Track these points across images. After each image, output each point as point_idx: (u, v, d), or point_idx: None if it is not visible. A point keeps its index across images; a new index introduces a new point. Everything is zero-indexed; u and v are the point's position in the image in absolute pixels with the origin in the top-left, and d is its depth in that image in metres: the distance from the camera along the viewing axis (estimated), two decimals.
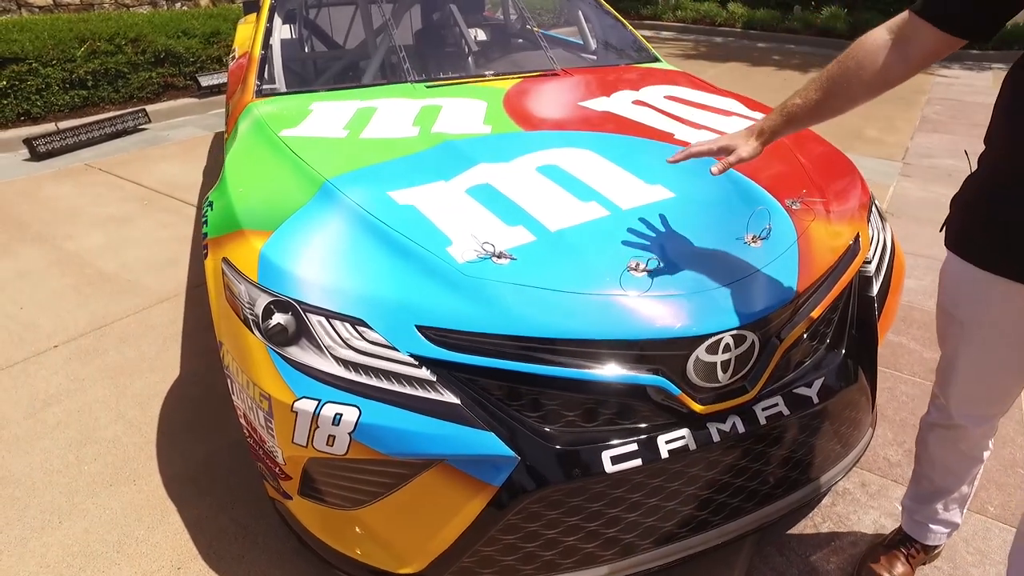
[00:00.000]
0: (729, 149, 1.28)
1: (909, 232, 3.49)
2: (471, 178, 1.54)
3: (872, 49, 1.09)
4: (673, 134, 1.83)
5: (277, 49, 2.40)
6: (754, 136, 1.27)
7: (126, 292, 2.82)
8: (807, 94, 1.19)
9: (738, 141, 1.28)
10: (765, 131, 1.25)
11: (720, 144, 1.29)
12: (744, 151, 1.26)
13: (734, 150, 1.27)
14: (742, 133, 1.29)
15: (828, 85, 1.16)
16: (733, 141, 1.28)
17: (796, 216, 1.55)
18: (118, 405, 2.11)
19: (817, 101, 1.18)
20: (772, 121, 1.25)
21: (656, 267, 1.31)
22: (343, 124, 1.88)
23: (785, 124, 1.23)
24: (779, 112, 1.23)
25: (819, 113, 1.20)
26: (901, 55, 1.07)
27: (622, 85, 2.22)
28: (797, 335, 1.40)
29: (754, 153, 1.27)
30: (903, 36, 1.06)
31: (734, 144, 1.27)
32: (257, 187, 1.60)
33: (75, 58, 5.17)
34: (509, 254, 1.31)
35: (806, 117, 1.21)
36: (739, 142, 1.27)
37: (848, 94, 1.15)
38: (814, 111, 1.19)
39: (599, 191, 1.50)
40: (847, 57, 1.13)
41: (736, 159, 1.27)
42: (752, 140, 1.26)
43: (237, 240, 1.44)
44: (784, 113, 1.22)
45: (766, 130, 1.25)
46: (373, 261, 1.32)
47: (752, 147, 1.26)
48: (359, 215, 1.42)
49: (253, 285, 1.34)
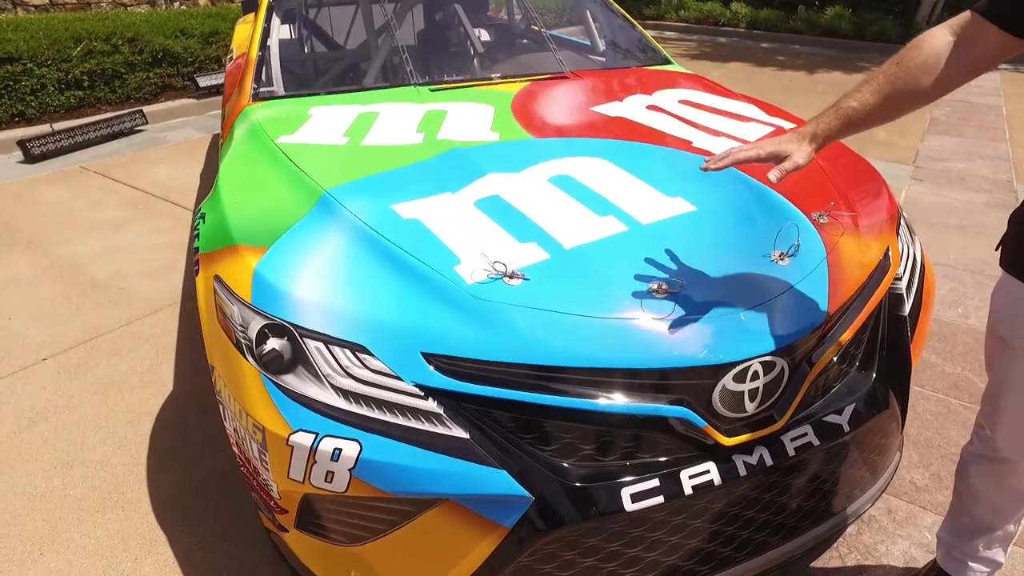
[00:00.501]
0: (781, 155, 1.11)
1: (923, 239, 3.40)
2: (479, 189, 1.45)
3: (935, 51, 1.00)
4: (691, 141, 1.73)
5: (275, 51, 2.31)
6: (807, 140, 1.11)
7: (119, 301, 2.73)
8: (862, 98, 1.07)
9: (789, 146, 1.11)
10: (819, 136, 1.11)
11: (769, 150, 1.13)
12: (800, 157, 1.10)
13: (788, 156, 1.10)
14: (792, 137, 1.13)
15: (886, 89, 1.05)
16: (783, 146, 1.12)
17: (824, 231, 1.46)
18: (107, 423, 2.02)
19: (874, 105, 1.07)
20: (827, 125, 1.10)
21: (679, 288, 1.22)
22: (343, 130, 1.79)
23: (842, 128, 1.10)
24: (834, 115, 1.09)
25: (877, 117, 1.08)
26: (963, 57, 0.98)
27: (635, 89, 2.13)
28: (827, 360, 1.31)
29: (809, 159, 1.12)
30: (965, 38, 0.97)
31: (786, 150, 1.11)
32: (252, 198, 1.51)
33: (71, 58, 5.08)
34: (521, 274, 1.22)
35: (862, 122, 1.09)
36: (791, 147, 1.11)
37: (908, 98, 1.05)
38: (871, 115, 1.08)
39: (616, 204, 1.41)
40: (906, 59, 1.02)
41: (793, 167, 1.10)
42: (805, 144, 1.11)
43: (230, 256, 1.35)
44: (840, 116, 1.09)
45: (819, 135, 1.11)
46: (375, 281, 1.23)
47: (807, 152, 1.10)
48: (360, 230, 1.33)
49: (246, 306, 1.25)
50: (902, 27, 9.48)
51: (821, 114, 1.13)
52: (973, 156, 4.84)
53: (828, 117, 1.11)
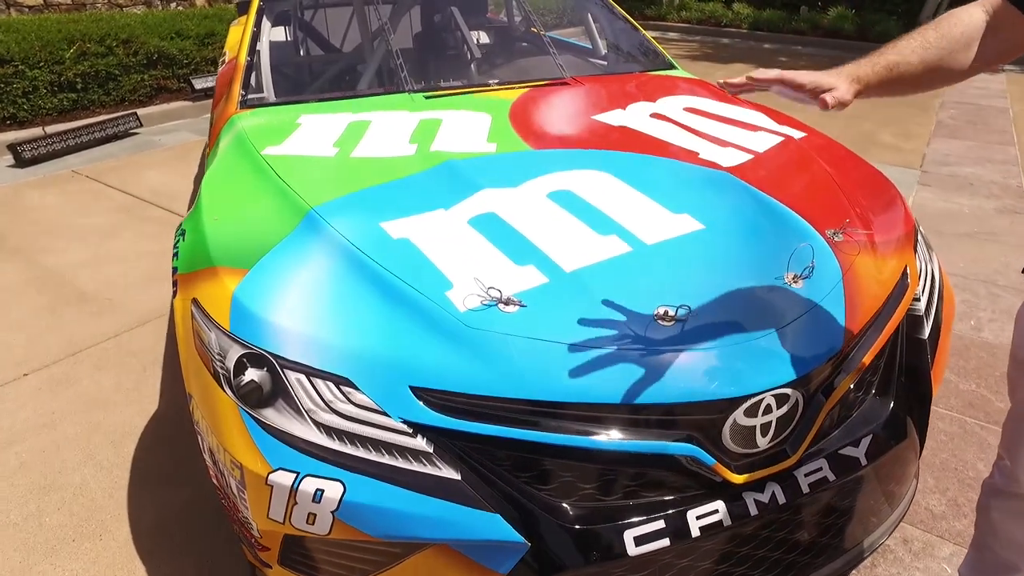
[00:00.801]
0: (822, 87, 0.96)
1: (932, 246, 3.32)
2: (474, 206, 1.37)
3: (973, 26, 0.94)
4: (697, 152, 1.65)
5: (265, 55, 2.23)
6: (849, 80, 0.96)
7: (105, 313, 2.65)
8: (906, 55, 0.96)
9: (835, 80, 0.96)
10: (860, 79, 0.96)
11: (814, 78, 0.97)
12: (845, 92, 0.95)
13: (831, 90, 0.95)
14: (838, 72, 0.98)
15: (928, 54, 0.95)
16: (828, 79, 0.97)
17: (839, 249, 1.38)
18: (89, 444, 1.94)
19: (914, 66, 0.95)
20: (869, 70, 0.96)
21: (687, 315, 1.14)
22: (333, 140, 1.71)
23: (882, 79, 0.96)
24: (875, 62, 0.97)
25: (911, 82, 0.97)
26: (994, 39, 0.93)
27: (638, 96, 2.04)
28: (844, 389, 1.23)
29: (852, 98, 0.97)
30: (997, 22, 0.93)
31: (831, 83, 0.96)
32: (234, 215, 1.43)
33: (64, 60, 5.00)
34: (518, 300, 1.14)
35: (900, 81, 0.97)
36: (836, 81, 0.96)
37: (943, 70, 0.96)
38: (907, 77, 0.96)
39: (619, 222, 1.32)
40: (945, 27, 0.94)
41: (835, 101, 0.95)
42: (848, 83, 0.96)
43: (209, 278, 1.27)
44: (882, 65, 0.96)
45: (861, 78, 0.96)
46: (362, 308, 1.15)
47: (852, 91, 0.96)
48: (347, 251, 1.25)
49: (224, 334, 1.17)
50: (906, 28, 9.33)
51: (863, 60, 0.98)
52: (981, 160, 4.75)
53: (868, 64, 0.97)
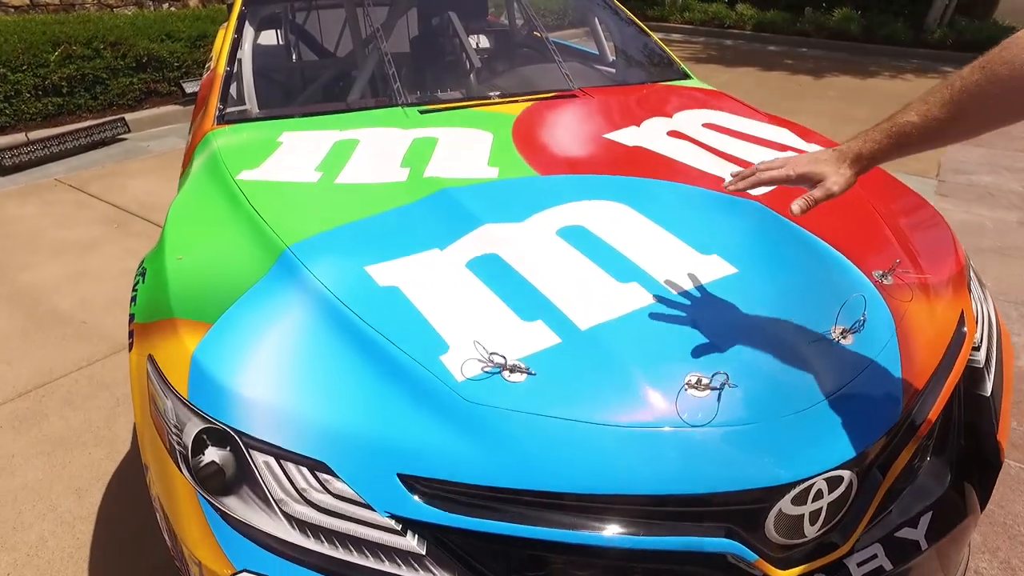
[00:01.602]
0: (813, 178, 0.93)
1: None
2: (473, 245, 1.20)
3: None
4: (724, 179, 1.47)
5: (248, 65, 2.05)
6: (847, 162, 0.92)
7: (79, 338, 2.47)
8: (927, 110, 0.85)
9: (825, 168, 0.93)
10: (863, 156, 0.91)
11: (800, 170, 0.94)
12: (835, 183, 0.91)
13: (820, 180, 0.92)
14: (829, 156, 0.94)
15: (963, 99, 0.82)
16: (816, 167, 0.93)
17: (889, 294, 1.21)
18: (50, 492, 1.77)
19: (942, 120, 0.84)
20: (874, 143, 0.90)
21: (723, 383, 0.97)
22: (316, 163, 1.53)
23: (892, 148, 0.89)
24: (884, 131, 0.89)
25: (942, 136, 0.86)
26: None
27: (653, 110, 1.87)
28: (902, 464, 1.06)
29: (847, 186, 0.93)
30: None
31: (819, 172, 0.93)
32: (200, 254, 1.26)
33: (48, 63, 4.82)
34: (525, 367, 0.96)
35: (922, 140, 0.87)
36: (826, 169, 0.92)
37: (992, 112, 0.81)
38: (936, 133, 0.86)
39: (641, 266, 1.15)
40: (994, 62, 0.78)
41: (824, 196, 0.92)
42: (844, 167, 0.92)
43: (167, 333, 1.10)
44: (892, 133, 0.88)
45: (864, 155, 0.91)
46: (342, 375, 0.98)
47: (845, 178, 0.92)
48: (326, 302, 1.08)
49: (181, 403, 1.00)
50: (912, 30, 9.22)
51: (869, 130, 0.91)
52: (999, 168, 4.59)
53: (876, 134, 0.90)
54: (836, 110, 6.05)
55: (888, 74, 7.83)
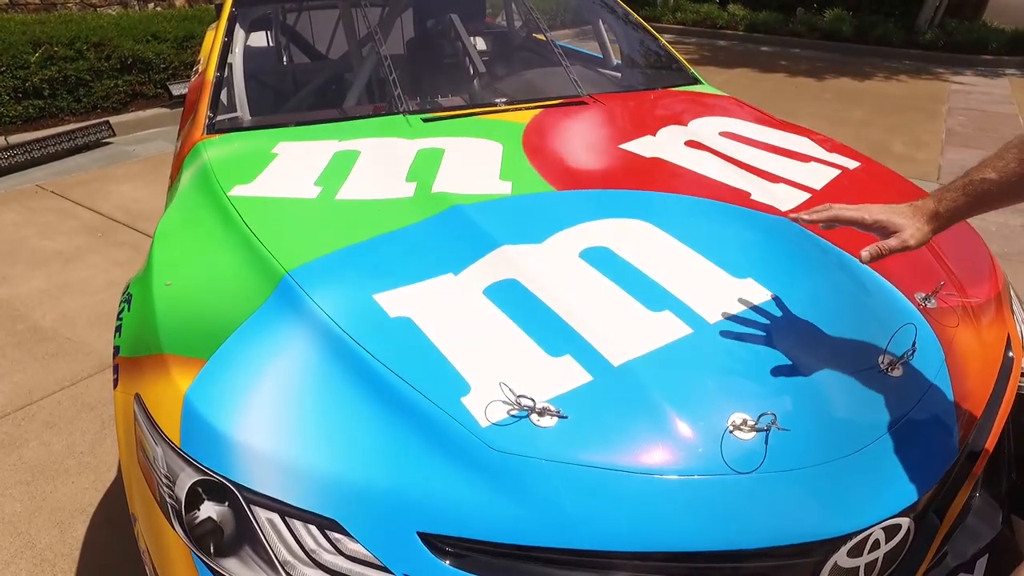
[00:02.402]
0: (888, 227, 0.92)
1: None
2: (490, 269, 1.10)
3: None
4: (749, 193, 1.39)
5: (239, 70, 1.95)
6: (924, 218, 0.91)
7: (62, 355, 2.36)
8: (1006, 166, 0.84)
9: (901, 220, 0.91)
10: (941, 215, 0.90)
11: (877, 217, 0.93)
12: (912, 236, 0.90)
13: (896, 232, 0.91)
14: (906, 210, 0.93)
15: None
16: (893, 217, 0.92)
17: (935, 319, 1.13)
18: (30, 526, 1.66)
19: (1020, 177, 0.83)
20: (950, 202, 0.90)
21: (770, 424, 0.88)
22: (315, 176, 1.43)
23: (971, 206, 0.88)
24: (961, 189, 0.89)
25: (1021, 191, 0.84)
26: None
27: (667, 118, 1.78)
28: (960, 505, 0.99)
29: (923, 241, 0.91)
30: None
31: (896, 223, 0.91)
32: (191, 280, 1.15)
33: (29, 64, 4.66)
34: (556, 409, 0.87)
35: (1001, 196, 0.86)
36: (903, 222, 0.91)
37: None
38: (1015, 188, 0.84)
39: (672, 292, 1.06)
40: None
41: (899, 246, 0.90)
42: (922, 223, 0.91)
43: (156, 370, 1.00)
44: (969, 191, 0.87)
45: (942, 214, 0.90)
46: (353, 420, 0.89)
47: (923, 232, 0.91)
48: (332, 336, 0.98)
49: (173, 451, 0.90)
50: (904, 31, 9.23)
51: (946, 187, 0.91)
52: None
53: (954, 192, 0.90)
54: (834, 112, 6.01)
55: (882, 75, 7.82)
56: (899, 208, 0.93)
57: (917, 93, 6.92)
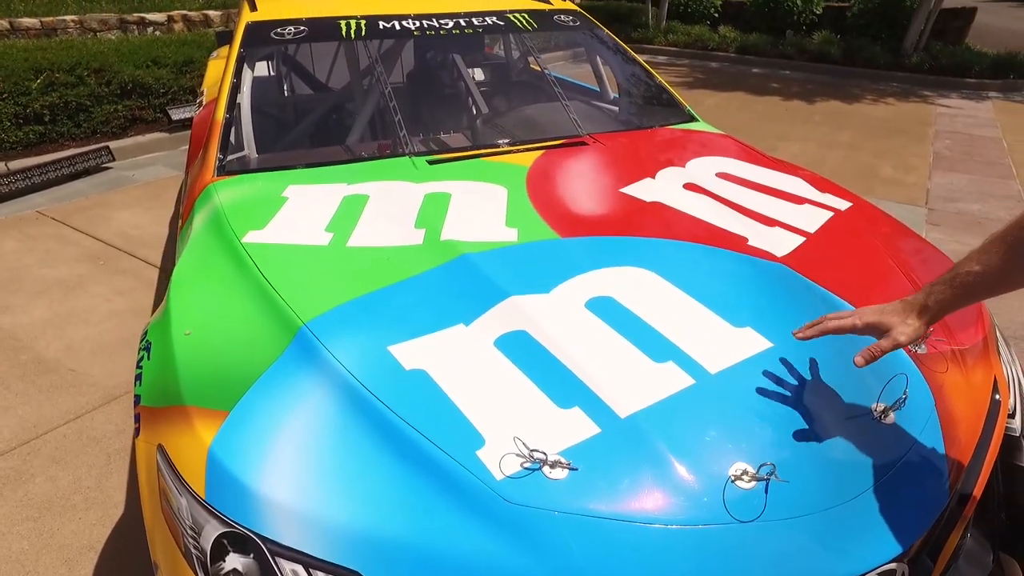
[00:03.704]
0: (880, 327, 0.99)
1: None
2: (500, 320, 1.15)
3: None
4: (747, 238, 1.45)
5: (247, 111, 2.00)
6: (914, 313, 0.97)
7: (67, 387, 2.37)
8: (989, 260, 0.89)
9: (891, 319, 0.98)
10: (929, 308, 0.96)
11: (868, 320, 1.00)
12: (902, 333, 0.97)
13: (888, 330, 0.97)
14: (896, 307, 0.99)
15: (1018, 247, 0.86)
16: (883, 317, 0.99)
17: (925, 366, 1.18)
18: (37, 565, 1.67)
19: (1003, 268, 0.88)
20: (940, 294, 0.95)
21: (770, 473, 0.93)
22: (325, 222, 1.48)
23: (958, 298, 0.95)
24: (948, 283, 0.94)
25: (1006, 282, 0.89)
26: None
27: (665, 160, 1.84)
28: (952, 547, 1.03)
29: (915, 336, 0.97)
30: None
31: (887, 322, 0.98)
32: (209, 329, 1.19)
33: (30, 91, 4.71)
34: (567, 461, 0.92)
35: (985, 288, 0.92)
36: (893, 320, 0.98)
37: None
38: (998, 280, 0.89)
39: (675, 343, 1.11)
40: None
41: (891, 346, 0.97)
42: (912, 319, 0.97)
43: (179, 421, 1.03)
44: (957, 284, 0.93)
45: (931, 307, 0.96)
46: (372, 473, 0.92)
47: (913, 328, 0.97)
48: (350, 389, 1.02)
49: (198, 503, 0.93)
50: (890, 54, 9.43)
51: (936, 281, 0.97)
52: (985, 196, 4.66)
53: (942, 285, 0.95)
54: (823, 135, 6.12)
55: (870, 97, 7.97)
56: (890, 307, 0.99)
57: (904, 116, 7.07)
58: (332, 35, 2.12)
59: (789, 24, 10.76)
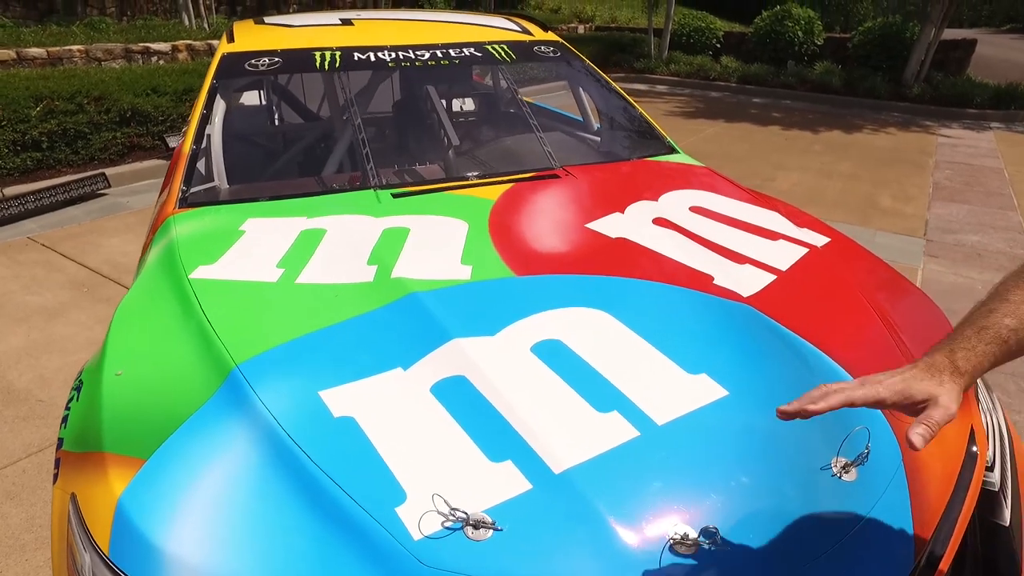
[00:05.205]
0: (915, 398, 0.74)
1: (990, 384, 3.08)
2: (440, 365, 1.09)
3: None
4: (712, 277, 1.39)
5: (217, 142, 1.98)
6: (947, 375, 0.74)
7: (34, 419, 2.33)
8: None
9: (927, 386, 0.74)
10: (964, 372, 0.75)
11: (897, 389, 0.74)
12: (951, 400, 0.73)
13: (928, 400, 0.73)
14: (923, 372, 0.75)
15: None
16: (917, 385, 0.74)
17: (893, 416, 1.11)
18: None
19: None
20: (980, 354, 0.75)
21: (711, 540, 0.86)
22: (278, 258, 1.44)
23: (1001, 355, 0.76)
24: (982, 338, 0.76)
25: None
26: None
27: (637, 193, 1.80)
28: None
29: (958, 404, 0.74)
30: None
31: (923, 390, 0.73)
32: (141, 370, 1.14)
33: (29, 118, 4.76)
34: (491, 521, 0.85)
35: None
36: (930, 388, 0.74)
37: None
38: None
39: (622, 391, 1.05)
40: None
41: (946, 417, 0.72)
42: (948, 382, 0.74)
43: (93, 468, 0.98)
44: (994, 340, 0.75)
45: (966, 371, 0.75)
46: (285, 530, 0.86)
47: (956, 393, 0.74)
48: (273, 437, 0.96)
49: (101, 559, 0.87)
50: (891, 84, 9.45)
51: (956, 338, 0.77)
52: (985, 227, 4.59)
53: (972, 341, 0.76)
54: (823, 164, 6.09)
55: (871, 127, 7.97)
56: (912, 373, 0.76)
57: (905, 146, 7.04)
58: (306, 67, 2.11)
59: (790, 55, 10.84)
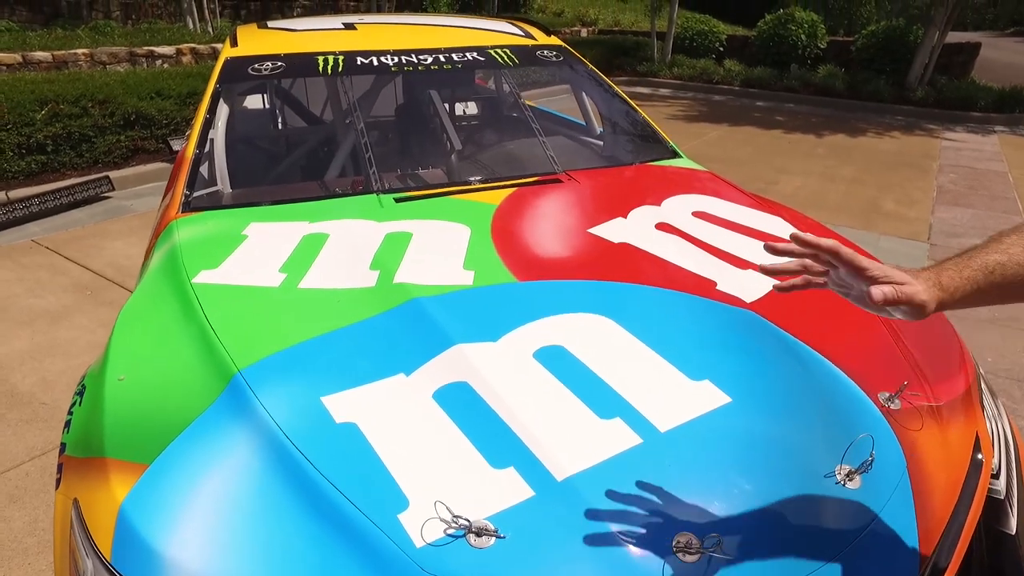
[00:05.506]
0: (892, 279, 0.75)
1: None
2: (442, 371, 1.09)
3: None
4: (715, 283, 1.39)
5: (221, 145, 1.98)
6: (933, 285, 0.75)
7: (36, 422, 2.33)
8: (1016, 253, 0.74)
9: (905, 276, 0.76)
10: (946, 287, 0.75)
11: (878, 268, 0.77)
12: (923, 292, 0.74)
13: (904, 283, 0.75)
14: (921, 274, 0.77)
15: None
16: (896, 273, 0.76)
17: (898, 422, 1.11)
18: None
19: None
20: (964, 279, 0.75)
21: (714, 545, 0.85)
22: (280, 262, 1.44)
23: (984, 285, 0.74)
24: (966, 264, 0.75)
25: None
26: None
27: (641, 197, 1.79)
28: None
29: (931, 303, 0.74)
30: None
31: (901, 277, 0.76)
32: (144, 375, 1.14)
33: (34, 121, 4.78)
34: (493, 528, 0.85)
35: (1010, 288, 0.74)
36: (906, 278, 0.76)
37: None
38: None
39: (626, 398, 1.05)
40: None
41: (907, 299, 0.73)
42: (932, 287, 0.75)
43: (96, 473, 0.98)
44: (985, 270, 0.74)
45: (945, 286, 0.75)
46: (287, 537, 0.86)
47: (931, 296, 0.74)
48: (275, 443, 0.96)
49: (103, 565, 0.87)
50: (894, 87, 9.43)
51: (945, 262, 0.77)
52: (989, 231, 4.47)
53: (959, 266, 0.75)
54: (826, 168, 6.08)
55: (875, 131, 7.95)
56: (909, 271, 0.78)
57: (909, 149, 7.02)
58: (309, 71, 2.12)
59: (794, 58, 10.83)
